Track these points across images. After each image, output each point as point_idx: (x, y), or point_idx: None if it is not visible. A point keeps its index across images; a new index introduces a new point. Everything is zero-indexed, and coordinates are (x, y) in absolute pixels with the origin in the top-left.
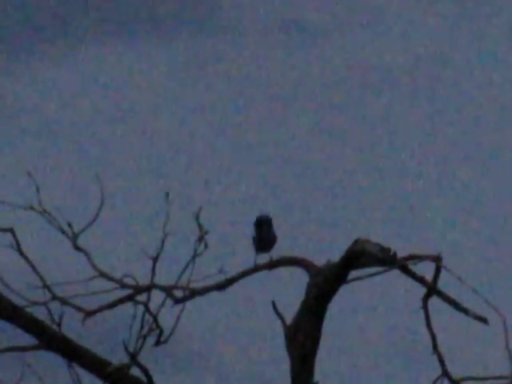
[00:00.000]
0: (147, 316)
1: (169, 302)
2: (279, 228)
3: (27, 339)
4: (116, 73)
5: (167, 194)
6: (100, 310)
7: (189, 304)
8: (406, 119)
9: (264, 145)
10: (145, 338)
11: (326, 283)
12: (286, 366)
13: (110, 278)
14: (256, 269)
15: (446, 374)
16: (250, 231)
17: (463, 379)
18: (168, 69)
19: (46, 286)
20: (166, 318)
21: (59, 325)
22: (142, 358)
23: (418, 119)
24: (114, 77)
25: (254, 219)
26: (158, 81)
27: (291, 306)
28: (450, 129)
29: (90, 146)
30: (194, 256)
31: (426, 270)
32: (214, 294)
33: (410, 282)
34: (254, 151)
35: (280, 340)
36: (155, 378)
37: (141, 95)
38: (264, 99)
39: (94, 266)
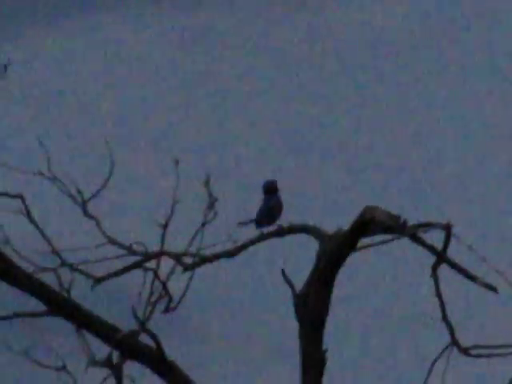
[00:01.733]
0: (156, 283)
1: (178, 269)
2: (289, 195)
3: (37, 305)
4: (119, 43)
5: (177, 162)
6: (109, 276)
7: (198, 271)
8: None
9: (271, 113)
10: (154, 304)
11: (335, 250)
12: (295, 332)
13: (120, 245)
14: (265, 236)
15: (455, 342)
16: (259, 198)
17: (472, 347)
18: (168, 38)
19: (55, 252)
20: (176, 285)
21: (69, 291)
22: (151, 325)
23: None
24: (118, 47)
25: (263, 184)
26: (161, 50)
27: (301, 273)
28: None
29: (101, 114)
30: (204, 223)
31: (436, 238)
32: (224, 262)
33: (419, 250)
34: (261, 120)
35: (290, 307)
36: (164, 345)
37: (144, 68)
38: (265, 68)
39: (104, 233)
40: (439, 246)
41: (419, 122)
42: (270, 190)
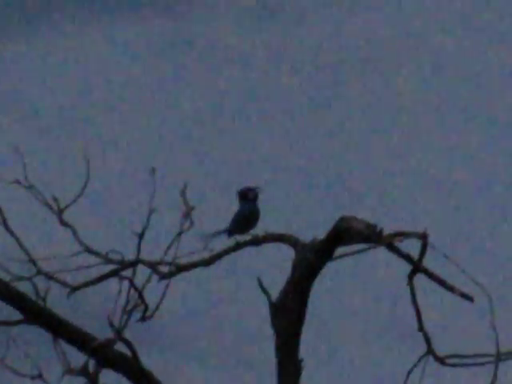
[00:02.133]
0: (132, 291)
1: (154, 277)
2: (265, 204)
3: (12, 314)
4: (96, 51)
5: (153, 170)
6: (85, 285)
7: (174, 280)
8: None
9: (247, 121)
10: (130, 313)
11: (312, 260)
12: (271, 342)
13: (96, 254)
14: (241, 245)
15: (431, 351)
16: (236, 206)
17: (448, 357)
18: (148, 44)
19: (31, 261)
20: (152, 294)
21: (44, 300)
22: (127, 334)
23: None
24: (96, 54)
25: (239, 190)
26: (138, 58)
27: (277, 282)
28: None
29: (76, 122)
30: (180, 232)
31: (412, 247)
32: (200, 270)
33: (395, 259)
34: (237, 127)
35: (265, 317)
36: (140, 354)
37: (121, 73)
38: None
39: (80, 241)
40: (415, 255)
41: (393, 130)
42: (245, 196)
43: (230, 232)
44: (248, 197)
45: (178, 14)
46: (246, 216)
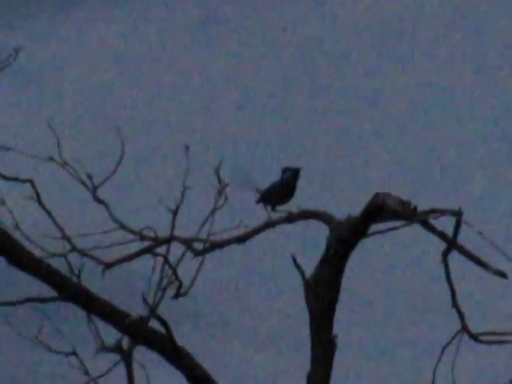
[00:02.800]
0: (167, 268)
1: (189, 254)
2: (300, 180)
3: (46, 291)
4: (125, 30)
5: (187, 147)
6: (119, 261)
7: (208, 257)
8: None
9: (281, 101)
10: (164, 290)
11: (346, 236)
12: (305, 319)
13: (130, 230)
14: (276, 222)
15: (465, 328)
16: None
17: (482, 334)
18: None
19: (65, 238)
20: (186, 271)
21: (79, 276)
22: (161, 311)
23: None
24: (124, 34)
25: (284, 167)
26: (169, 38)
27: (311, 259)
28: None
29: (110, 99)
30: (214, 209)
31: (446, 224)
32: (234, 247)
33: (430, 236)
34: (271, 106)
35: (300, 293)
36: (174, 331)
37: (153, 52)
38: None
39: (114, 218)
40: (450, 232)
41: (426, 111)
42: (287, 172)
43: (262, 199)
44: (287, 173)
45: None
46: (281, 187)
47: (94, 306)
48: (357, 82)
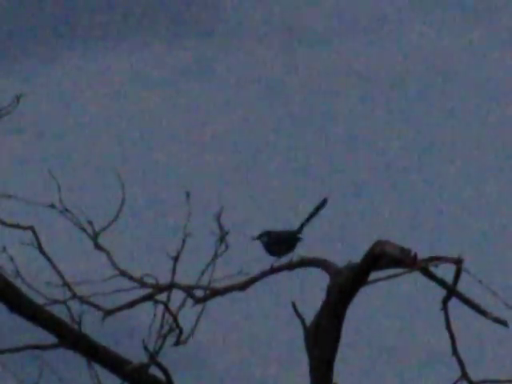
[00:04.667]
0: (167, 316)
1: (189, 301)
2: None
3: (47, 338)
4: (123, 74)
5: (188, 194)
6: (120, 309)
7: (209, 304)
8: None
9: (280, 147)
10: (164, 337)
11: (346, 284)
12: (305, 367)
13: (130, 277)
14: (276, 269)
15: (465, 376)
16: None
17: (482, 382)
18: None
19: (66, 285)
20: (186, 318)
21: (79, 323)
22: (162, 358)
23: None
24: (124, 78)
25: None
26: (165, 82)
27: (311, 307)
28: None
29: (111, 145)
30: (215, 256)
31: (446, 272)
32: (235, 295)
33: (430, 283)
34: (271, 152)
35: (300, 341)
36: (174, 378)
37: (153, 96)
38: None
39: (115, 265)
40: (450, 280)
41: (429, 152)
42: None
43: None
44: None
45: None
46: (287, 235)
47: (94, 353)
48: (352, 125)
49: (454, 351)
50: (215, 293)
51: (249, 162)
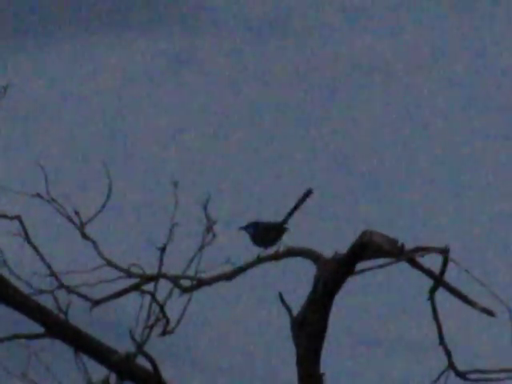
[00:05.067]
0: (154, 306)
1: (176, 291)
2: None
3: (33, 327)
4: (110, 68)
5: (175, 184)
6: (107, 299)
7: (196, 294)
8: (407, 118)
9: (268, 136)
10: (151, 327)
11: (333, 274)
12: (292, 357)
13: (117, 267)
14: (263, 259)
15: (452, 366)
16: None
17: (469, 372)
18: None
19: (52, 274)
20: (173, 309)
21: (66, 313)
22: (148, 348)
23: (422, 118)
24: (114, 73)
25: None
26: (151, 74)
27: (298, 297)
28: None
29: (97, 135)
30: (202, 246)
31: (433, 262)
32: (222, 284)
33: (416, 273)
34: (259, 142)
35: (286, 331)
36: (161, 368)
37: (142, 85)
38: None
39: (101, 255)
40: (437, 270)
41: (416, 146)
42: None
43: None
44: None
45: (187, 30)
46: (274, 226)
47: (81, 342)
48: (347, 127)
49: (441, 341)
50: (202, 283)
51: (236, 151)
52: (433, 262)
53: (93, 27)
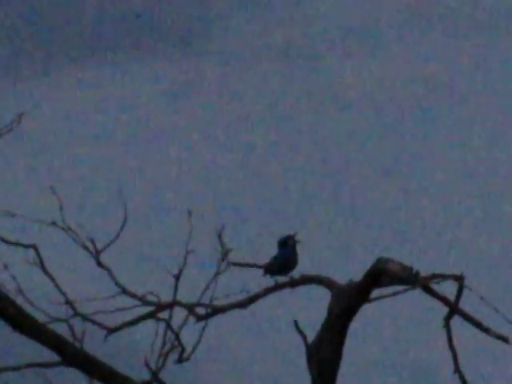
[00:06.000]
0: (169, 333)
1: (191, 319)
2: (301, 246)
3: (49, 355)
4: (118, 93)
5: (190, 213)
6: (122, 326)
7: (211, 322)
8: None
9: (275, 166)
10: (167, 355)
11: (348, 302)
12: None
13: (133, 295)
14: (278, 287)
15: None
16: (272, 249)
17: None
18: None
19: (68, 303)
20: (189, 336)
21: (81, 341)
22: (164, 376)
23: (437, 138)
24: (124, 96)
25: (279, 238)
26: (172, 96)
27: (313, 324)
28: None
29: (113, 164)
30: (217, 274)
31: (448, 288)
32: (236, 312)
33: (432, 301)
34: (272, 171)
35: (302, 358)
36: None
37: (157, 112)
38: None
39: (117, 283)
40: (452, 297)
41: (430, 170)
42: (285, 243)
43: (269, 271)
44: (288, 244)
45: (196, 53)
46: (286, 260)
47: (96, 370)
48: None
49: (457, 369)
50: (217, 310)
51: (251, 180)
52: (447, 289)
53: (98, 53)
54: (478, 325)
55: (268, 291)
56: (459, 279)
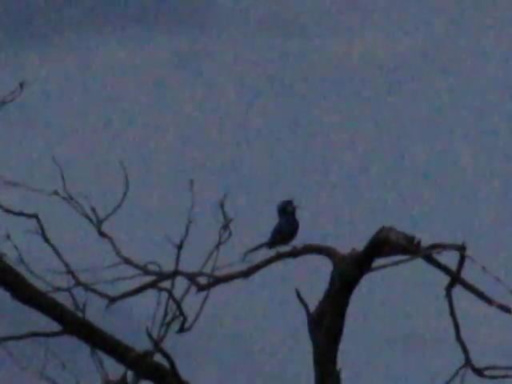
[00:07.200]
0: (171, 303)
1: (193, 289)
2: (303, 215)
3: (51, 325)
4: (123, 65)
5: (192, 182)
6: (124, 296)
7: (213, 291)
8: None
9: (278, 132)
10: (168, 324)
11: (350, 271)
12: (309, 354)
13: (134, 265)
14: (280, 256)
15: (469, 363)
16: (274, 218)
17: (487, 368)
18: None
19: (70, 272)
20: (190, 306)
21: (83, 311)
22: (166, 345)
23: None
24: (128, 70)
25: (278, 204)
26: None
27: (315, 293)
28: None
29: (115, 134)
30: (219, 243)
31: (449, 258)
32: (238, 282)
33: (433, 270)
34: (269, 138)
35: (304, 328)
36: (178, 365)
37: (156, 83)
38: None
39: (118, 253)
40: (453, 267)
41: (435, 145)
42: (284, 210)
43: (271, 245)
44: (287, 210)
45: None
46: (286, 229)
47: (98, 340)
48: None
49: (458, 338)
50: (219, 280)
51: (253, 149)
52: (450, 258)
53: (104, 23)
54: (479, 295)
55: (269, 261)
56: (461, 249)
